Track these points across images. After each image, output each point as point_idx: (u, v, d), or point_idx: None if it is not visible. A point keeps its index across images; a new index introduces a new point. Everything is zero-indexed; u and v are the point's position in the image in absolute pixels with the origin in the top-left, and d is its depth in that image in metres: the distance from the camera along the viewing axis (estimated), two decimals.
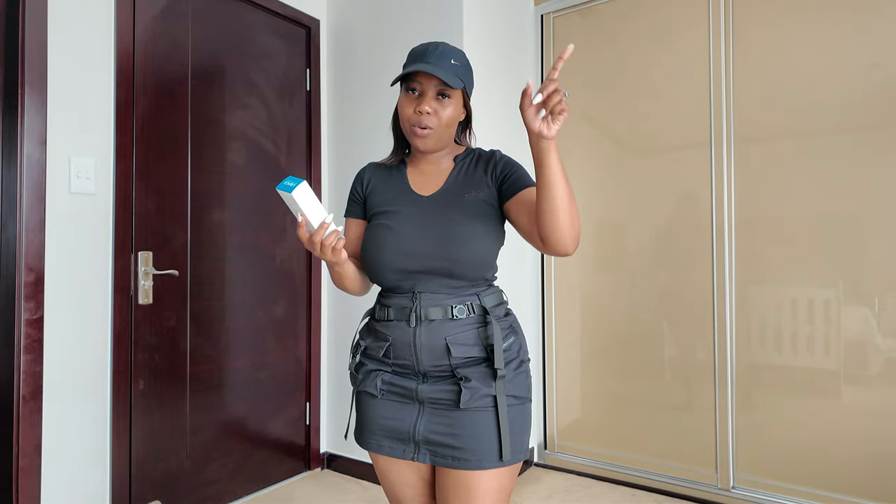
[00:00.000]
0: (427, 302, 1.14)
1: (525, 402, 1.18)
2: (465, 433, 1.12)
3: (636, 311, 2.59)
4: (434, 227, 1.15)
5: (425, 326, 1.14)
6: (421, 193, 1.23)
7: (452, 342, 1.13)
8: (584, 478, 2.65)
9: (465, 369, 1.13)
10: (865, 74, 2.12)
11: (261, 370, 2.51)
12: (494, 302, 1.19)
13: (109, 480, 1.99)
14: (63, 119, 1.88)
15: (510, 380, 1.15)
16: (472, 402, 1.11)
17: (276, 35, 2.60)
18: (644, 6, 2.57)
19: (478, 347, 1.14)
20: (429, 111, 1.16)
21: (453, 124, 1.21)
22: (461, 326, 1.14)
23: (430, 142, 1.19)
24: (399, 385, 1.18)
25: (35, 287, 1.79)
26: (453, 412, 1.13)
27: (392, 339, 1.17)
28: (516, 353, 1.19)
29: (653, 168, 2.54)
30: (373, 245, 1.19)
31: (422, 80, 1.16)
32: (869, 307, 2.11)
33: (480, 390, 1.11)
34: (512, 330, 1.20)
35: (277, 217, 2.59)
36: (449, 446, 1.13)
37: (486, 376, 1.13)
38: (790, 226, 2.25)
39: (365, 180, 1.31)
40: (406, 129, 1.20)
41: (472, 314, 1.15)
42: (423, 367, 1.15)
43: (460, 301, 1.15)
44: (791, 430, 2.24)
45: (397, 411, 1.18)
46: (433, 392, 1.14)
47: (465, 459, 1.11)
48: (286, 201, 1.06)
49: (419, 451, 1.16)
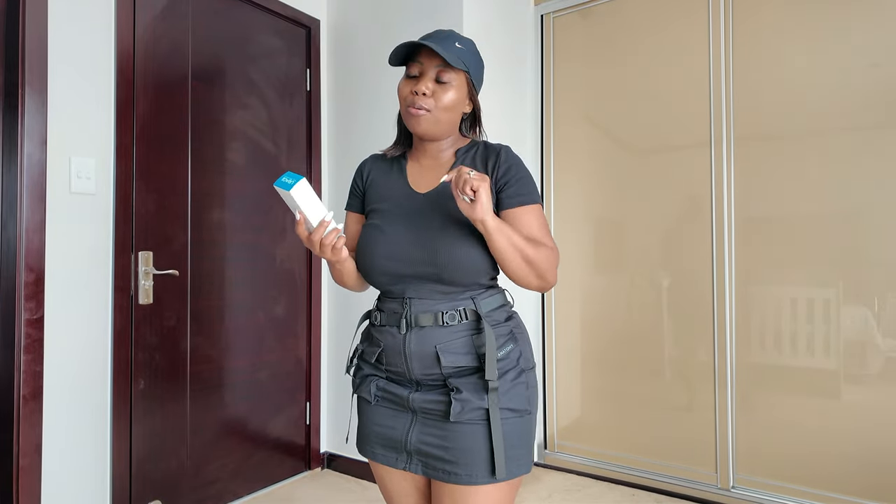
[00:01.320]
0: (418, 307, 1.09)
1: (524, 415, 1.10)
2: (456, 447, 1.06)
3: (636, 311, 2.59)
4: (425, 229, 1.09)
5: (416, 333, 1.08)
6: (417, 190, 1.16)
7: (443, 350, 1.07)
8: (583, 477, 2.65)
9: (457, 379, 1.07)
10: (865, 74, 2.12)
11: (261, 370, 2.51)
12: (493, 305, 1.13)
13: (109, 480, 1.99)
14: (63, 119, 1.88)
15: (506, 391, 1.08)
16: (463, 416, 1.05)
17: (277, 35, 2.61)
18: (644, 6, 2.58)
19: (470, 356, 1.08)
20: (425, 91, 1.09)
21: (453, 110, 1.13)
22: (452, 334, 1.08)
23: (425, 124, 1.11)
24: (392, 392, 1.13)
25: (35, 287, 1.79)
26: (445, 424, 1.07)
27: (384, 345, 1.12)
28: (515, 361, 1.11)
29: (653, 168, 2.54)
30: (363, 247, 1.14)
31: (423, 61, 1.11)
32: (869, 307, 2.11)
33: (472, 403, 1.05)
34: (511, 336, 1.13)
35: (277, 217, 2.59)
36: (440, 459, 1.08)
37: (478, 388, 1.06)
38: (790, 226, 2.25)
39: (365, 173, 1.26)
40: (403, 111, 1.14)
41: (464, 320, 1.09)
42: (415, 375, 1.10)
43: (452, 307, 1.09)
44: (791, 429, 2.24)
45: (390, 419, 1.14)
46: (425, 402, 1.09)
47: (455, 474, 1.06)
48: (284, 199, 1.02)
49: (412, 461, 1.11)
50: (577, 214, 2.75)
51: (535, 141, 2.86)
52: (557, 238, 2.78)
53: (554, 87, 2.82)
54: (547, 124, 2.83)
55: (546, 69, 2.84)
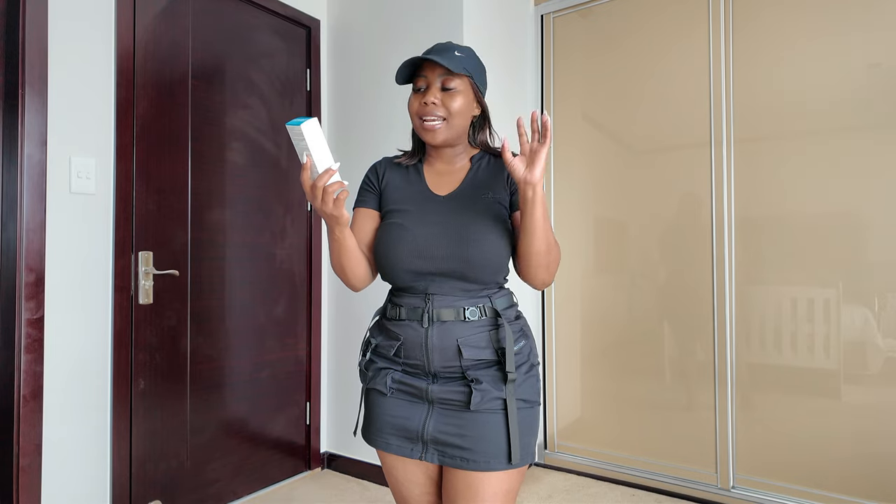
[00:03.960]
0: (439, 303, 1.14)
1: (534, 406, 1.18)
2: (474, 434, 1.12)
3: (636, 311, 2.59)
4: (449, 228, 1.15)
5: (437, 327, 1.14)
6: (437, 193, 1.22)
7: (464, 344, 1.13)
8: (584, 477, 2.65)
9: (475, 371, 1.14)
10: (865, 74, 2.12)
11: (261, 370, 2.51)
12: (505, 305, 1.19)
13: (109, 480, 1.99)
14: (63, 119, 1.88)
15: (520, 383, 1.15)
16: (483, 405, 1.11)
17: (277, 35, 2.61)
18: (644, 6, 2.58)
19: (489, 350, 1.14)
20: (434, 101, 1.15)
21: (464, 116, 1.19)
22: (473, 329, 1.14)
23: (441, 135, 1.17)
24: (409, 384, 1.17)
25: (35, 287, 1.79)
26: (463, 413, 1.13)
27: (403, 338, 1.17)
28: (527, 356, 1.19)
29: (653, 168, 2.54)
30: (387, 244, 1.18)
31: (426, 74, 1.17)
32: (869, 307, 2.11)
33: (491, 393, 1.12)
34: (523, 333, 1.20)
35: (277, 217, 2.59)
36: (458, 447, 1.13)
37: (496, 379, 1.13)
38: (790, 226, 2.25)
39: (380, 172, 1.28)
40: (417, 126, 1.20)
41: (484, 317, 1.15)
42: (434, 368, 1.15)
43: (472, 303, 1.15)
44: (791, 429, 2.24)
45: (406, 410, 1.18)
46: (443, 392, 1.14)
47: (473, 461, 1.11)
48: (293, 138, 0.99)
49: (427, 451, 1.16)
50: (577, 214, 2.75)
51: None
52: (558, 238, 2.79)
53: (554, 87, 2.82)
54: None
55: (546, 69, 2.84)
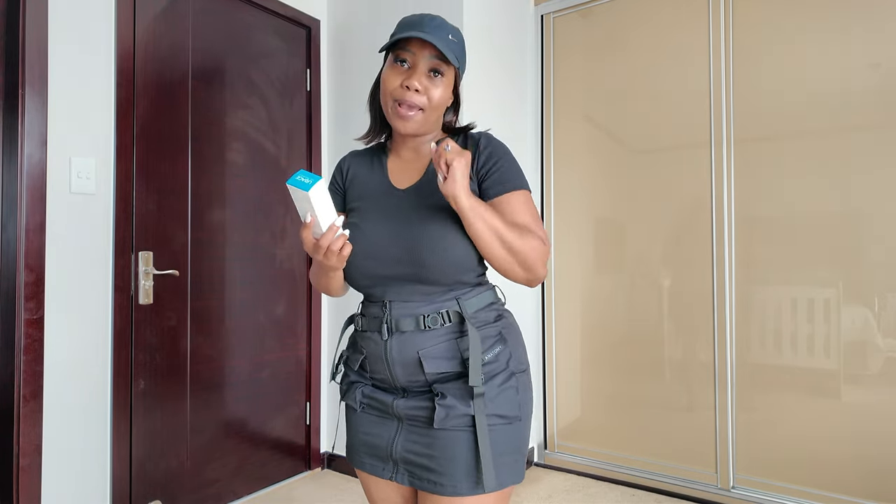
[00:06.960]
0: (398, 311, 1.03)
1: (513, 422, 1.03)
2: (441, 455, 1.00)
3: (636, 311, 2.59)
4: (404, 226, 1.03)
5: (397, 339, 1.02)
6: (397, 186, 1.10)
7: (425, 356, 1.01)
8: (583, 478, 2.65)
9: (442, 385, 1.02)
10: (865, 74, 2.12)
11: (261, 370, 2.51)
12: (481, 305, 1.06)
13: (109, 480, 1.99)
14: (63, 119, 1.88)
15: (493, 397, 1.01)
16: (448, 422, 1.00)
17: (277, 35, 2.61)
18: (644, 6, 2.58)
19: (455, 361, 1.02)
20: (418, 88, 1.02)
21: (442, 108, 1.08)
22: (435, 338, 1.02)
23: (413, 125, 1.05)
24: (377, 399, 1.08)
25: (35, 287, 1.79)
26: (430, 431, 1.02)
27: (367, 351, 1.08)
28: (504, 364, 1.04)
29: (653, 168, 2.54)
30: None
31: (414, 50, 1.03)
32: (869, 307, 2.11)
33: (457, 409, 0.99)
34: (500, 338, 1.06)
35: (277, 217, 2.59)
36: (426, 468, 1.02)
37: (464, 393, 1.00)
38: (790, 226, 2.25)
39: (345, 169, 1.19)
40: (387, 105, 1.06)
41: (447, 323, 1.02)
42: (400, 382, 1.04)
43: (434, 309, 1.02)
44: (791, 429, 2.24)
45: (376, 427, 1.09)
46: (410, 409, 1.03)
47: (440, 484, 1.00)
48: (294, 198, 0.93)
49: (398, 471, 1.05)
50: (577, 214, 2.75)
51: (535, 141, 2.86)
52: (557, 238, 2.78)
53: (554, 87, 2.82)
54: (547, 124, 2.83)
55: (546, 69, 2.84)
